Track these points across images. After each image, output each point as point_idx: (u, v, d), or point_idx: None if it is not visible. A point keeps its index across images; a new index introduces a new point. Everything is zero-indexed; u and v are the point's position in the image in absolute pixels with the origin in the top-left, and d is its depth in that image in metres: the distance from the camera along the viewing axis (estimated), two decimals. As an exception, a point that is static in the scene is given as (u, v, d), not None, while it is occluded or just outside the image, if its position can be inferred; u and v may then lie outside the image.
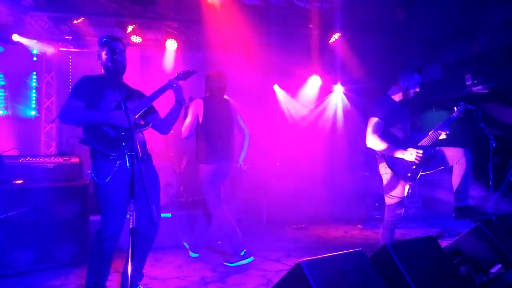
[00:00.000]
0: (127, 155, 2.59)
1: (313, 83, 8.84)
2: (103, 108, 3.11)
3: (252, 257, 4.40)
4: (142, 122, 3.35)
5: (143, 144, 3.32)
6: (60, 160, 4.38)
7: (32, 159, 4.25)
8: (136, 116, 3.19)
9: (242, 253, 4.34)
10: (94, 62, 3.32)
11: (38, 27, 7.14)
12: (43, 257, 4.08)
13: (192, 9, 6.22)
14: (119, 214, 3.07)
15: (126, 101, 3.06)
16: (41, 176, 4.23)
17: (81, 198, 4.35)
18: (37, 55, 7.81)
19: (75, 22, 6.92)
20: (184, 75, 3.51)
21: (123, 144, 3.07)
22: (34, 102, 7.85)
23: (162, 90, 3.31)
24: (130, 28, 7.00)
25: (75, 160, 4.46)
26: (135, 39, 7.16)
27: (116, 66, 3.10)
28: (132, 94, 3.35)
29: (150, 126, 3.34)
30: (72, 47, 8.01)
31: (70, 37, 7.48)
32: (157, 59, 7.63)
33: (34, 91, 7.87)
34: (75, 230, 4.27)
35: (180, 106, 3.43)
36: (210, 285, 3.74)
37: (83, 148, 5.84)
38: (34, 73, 7.89)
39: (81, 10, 6.48)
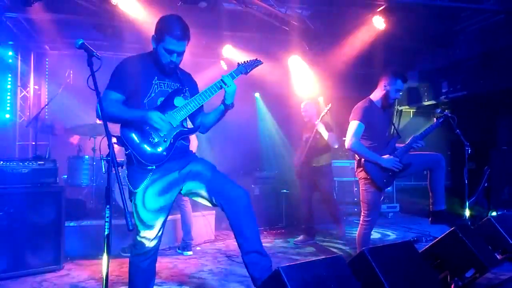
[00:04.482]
0: (103, 160, 2.14)
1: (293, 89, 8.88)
2: (145, 104, 2.64)
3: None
4: (187, 125, 2.83)
5: (186, 149, 2.86)
6: (35, 164, 4.27)
7: (6, 163, 4.13)
8: (182, 119, 2.70)
9: None
10: (71, 64, 3.12)
11: (14, 28, 7.00)
12: (16, 263, 3.96)
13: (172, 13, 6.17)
14: (154, 228, 2.70)
15: (174, 97, 2.70)
16: (15, 181, 4.12)
17: (57, 203, 4.25)
18: (12, 57, 7.65)
19: (52, 24, 6.79)
20: (246, 68, 2.85)
21: (164, 153, 2.62)
22: (9, 104, 7.68)
23: (214, 89, 2.74)
24: (109, 31, 6.90)
25: (50, 164, 4.36)
26: (114, 42, 7.07)
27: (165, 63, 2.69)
28: (183, 86, 2.81)
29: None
30: (48, 49, 7.89)
31: (47, 39, 7.35)
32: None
33: (9, 93, 7.71)
34: (50, 236, 4.17)
35: (226, 111, 2.84)
36: (188, 291, 3.71)
37: (59, 152, 5.74)
38: (9, 75, 7.72)
39: (59, 11, 6.36)
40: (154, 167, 2.62)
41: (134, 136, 2.60)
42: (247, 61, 2.89)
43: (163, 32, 2.64)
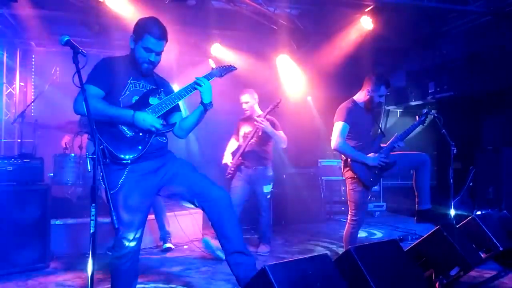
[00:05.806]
0: (89, 158, 2.11)
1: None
2: (120, 101, 2.68)
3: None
4: (164, 123, 2.87)
5: (163, 147, 2.88)
6: (21, 162, 4.22)
7: (-9, 161, 4.09)
8: (157, 117, 2.74)
9: None
10: (58, 61, 3.08)
11: (0, 24, 6.89)
12: (1, 262, 3.91)
13: (160, 11, 6.14)
14: (133, 228, 2.67)
15: (149, 96, 2.76)
16: (0, 179, 4.07)
17: (42, 201, 4.21)
18: (-3, 53, 7.53)
19: (38, 20, 6.69)
20: (220, 72, 2.98)
21: (139, 147, 2.64)
22: (-7, 101, 7.57)
23: (189, 90, 2.80)
24: (96, 28, 6.82)
25: (36, 162, 4.32)
26: (101, 39, 7.00)
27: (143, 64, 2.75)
28: (158, 87, 2.86)
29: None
30: (34, 45, 7.78)
31: (33, 35, 7.25)
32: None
33: (-6, 90, 7.59)
34: (36, 234, 4.13)
35: (205, 110, 2.85)
36: (175, 290, 3.70)
37: (45, 150, 5.68)
38: (-6, 71, 7.60)
39: (45, 7, 6.27)
40: (129, 161, 2.61)
41: (108, 130, 2.60)
42: (222, 65, 3.02)
43: (142, 31, 2.70)
